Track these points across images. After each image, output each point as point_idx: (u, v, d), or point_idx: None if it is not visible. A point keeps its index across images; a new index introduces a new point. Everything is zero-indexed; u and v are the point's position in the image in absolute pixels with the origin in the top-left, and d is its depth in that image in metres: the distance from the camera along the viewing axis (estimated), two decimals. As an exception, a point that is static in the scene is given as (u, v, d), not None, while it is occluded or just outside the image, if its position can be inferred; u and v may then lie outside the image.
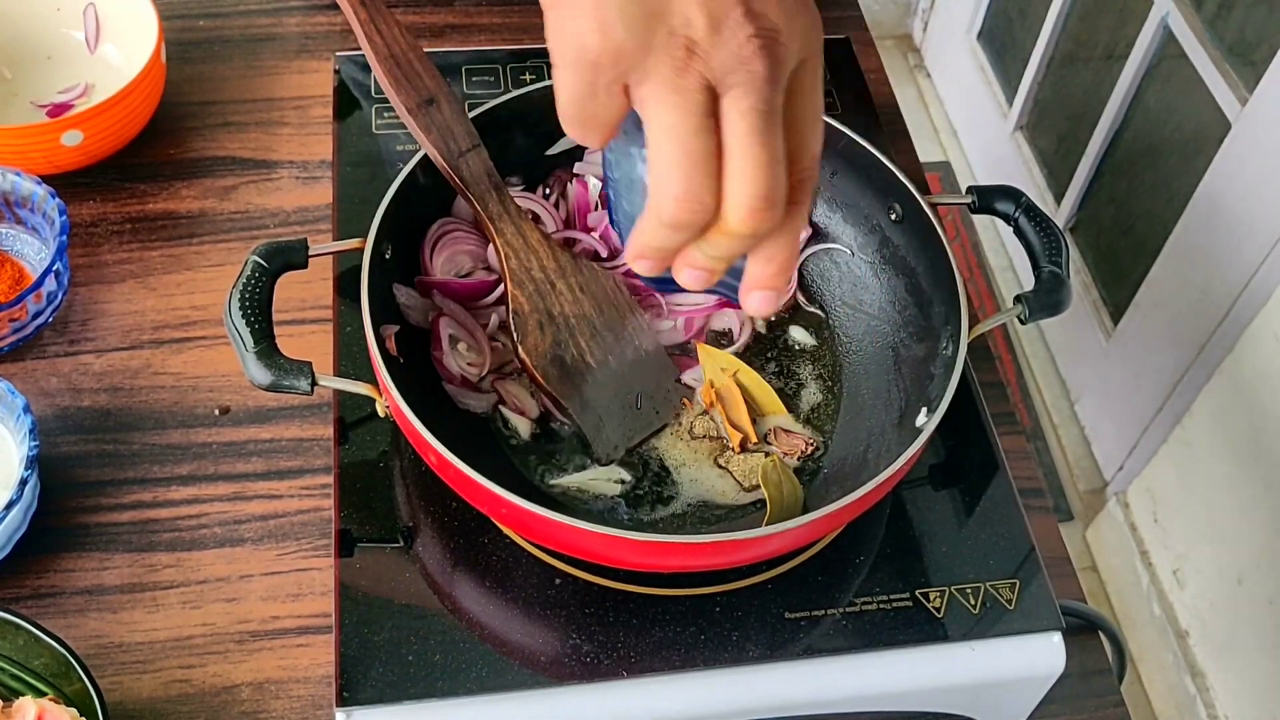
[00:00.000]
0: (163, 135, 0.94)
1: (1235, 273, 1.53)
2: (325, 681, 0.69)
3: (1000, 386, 0.83)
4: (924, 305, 0.76)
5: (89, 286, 0.85)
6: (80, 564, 0.73)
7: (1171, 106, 1.78)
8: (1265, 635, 1.50)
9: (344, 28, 1.03)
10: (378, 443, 0.74)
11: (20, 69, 0.95)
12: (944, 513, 0.74)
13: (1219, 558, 1.59)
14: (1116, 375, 1.86)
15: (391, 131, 0.90)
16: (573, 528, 0.61)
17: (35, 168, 0.86)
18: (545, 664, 0.66)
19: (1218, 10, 1.66)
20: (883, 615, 0.69)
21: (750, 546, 0.64)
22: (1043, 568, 0.72)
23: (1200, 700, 1.63)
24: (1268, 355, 1.46)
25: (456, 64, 0.95)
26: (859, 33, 1.06)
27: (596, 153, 0.83)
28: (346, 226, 0.84)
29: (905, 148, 0.98)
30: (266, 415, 0.80)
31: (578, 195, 0.81)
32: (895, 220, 0.78)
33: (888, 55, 2.54)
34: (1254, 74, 1.53)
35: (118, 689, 0.68)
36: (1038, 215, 0.73)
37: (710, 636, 0.68)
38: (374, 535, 0.71)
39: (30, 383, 0.80)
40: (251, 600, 0.72)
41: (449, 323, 0.74)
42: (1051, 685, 0.71)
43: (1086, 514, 1.91)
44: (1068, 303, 0.70)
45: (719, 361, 0.76)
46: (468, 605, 0.68)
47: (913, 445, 0.65)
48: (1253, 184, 1.51)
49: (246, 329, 0.65)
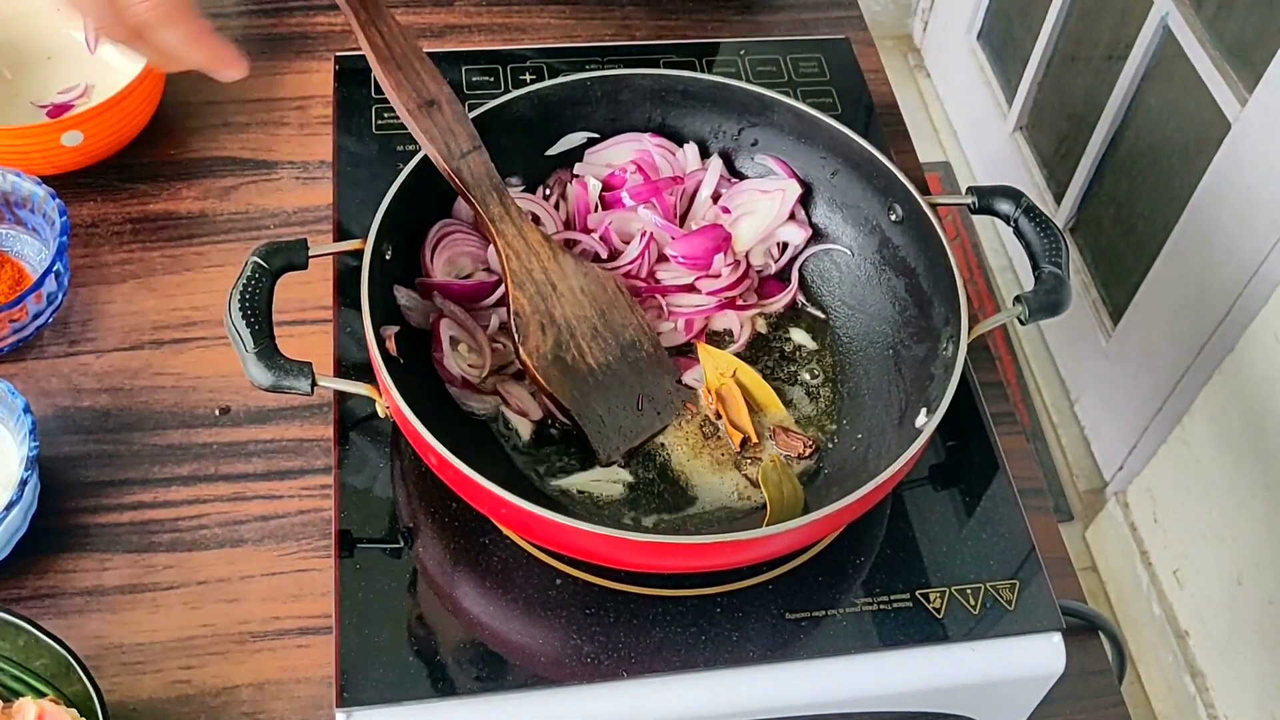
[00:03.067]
0: (163, 135, 0.94)
1: (1235, 273, 1.53)
2: (325, 682, 0.69)
3: (1000, 386, 0.83)
4: (924, 305, 0.76)
5: (89, 287, 0.85)
6: (80, 564, 0.73)
7: (1171, 106, 1.78)
8: (1265, 635, 1.50)
9: (344, 28, 1.03)
10: (378, 443, 0.74)
11: (20, 69, 0.95)
12: (944, 513, 0.74)
13: (1219, 558, 1.59)
14: (1116, 375, 1.86)
15: (391, 132, 0.90)
16: (573, 528, 0.61)
17: (35, 168, 0.86)
18: (545, 664, 0.66)
19: (1218, 10, 1.66)
20: (883, 615, 0.69)
21: (750, 547, 0.64)
22: (1043, 568, 0.72)
23: (1200, 700, 1.63)
24: (1268, 355, 1.46)
25: (456, 64, 0.95)
26: (859, 33, 1.06)
27: (597, 153, 0.83)
28: (346, 227, 0.84)
29: (905, 148, 0.98)
30: (267, 416, 0.80)
31: (578, 196, 0.81)
32: (895, 221, 0.78)
33: (888, 55, 2.54)
34: (1254, 74, 1.53)
35: (118, 689, 0.68)
36: (1038, 215, 0.73)
37: (710, 637, 0.68)
38: (374, 535, 0.71)
39: (30, 383, 0.80)
40: (252, 601, 0.72)
41: (449, 324, 0.74)
42: (1051, 685, 0.71)
43: (1086, 514, 1.91)
44: (1068, 303, 0.70)
45: (718, 361, 0.76)
46: (468, 605, 0.68)
47: (913, 446, 0.65)
48: (1253, 184, 1.51)
49: (246, 329, 0.65)
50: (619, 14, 1.06)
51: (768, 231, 0.81)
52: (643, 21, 1.06)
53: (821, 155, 0.81)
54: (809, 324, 0.81)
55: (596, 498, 0.71)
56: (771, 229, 0.81)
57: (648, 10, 1.06)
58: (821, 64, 0.99)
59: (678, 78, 0.81)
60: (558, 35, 1.05)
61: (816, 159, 0.81)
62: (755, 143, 0.83)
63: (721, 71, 0.93)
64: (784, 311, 0.81)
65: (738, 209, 0.82)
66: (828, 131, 0.79)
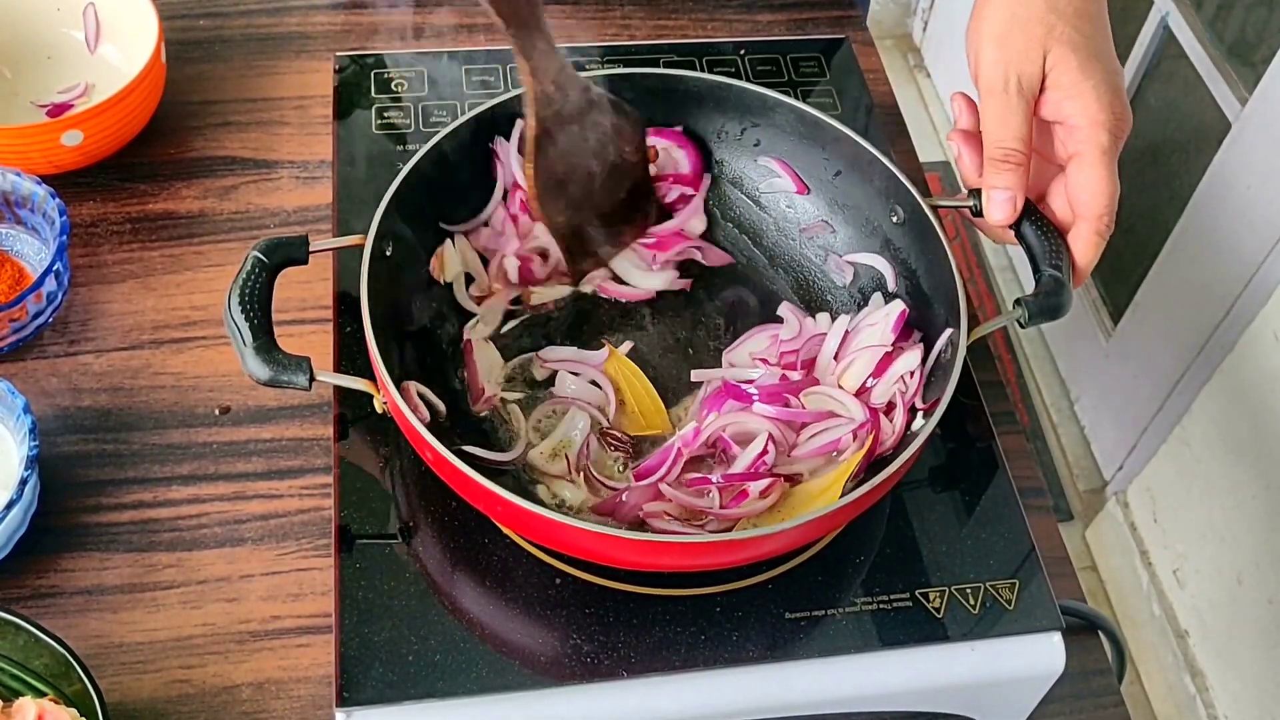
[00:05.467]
0: (163, 135, 0.94)
1: (1235, 272, 1.53)
2: (325, 681, 0.69)
3: (1000, 386, 0.83)
4: (924, 306, 0.76)
5: (89, 286, 0.85)
6: (80, 564, 0.73)
7: (1171, 106, 1.78)
8: (1265, 635, 1.50)
9: (344, 28, 1.03)
10: (378, 441, 0.74)
11: (20, 69, 0.95)
12: (944, 513, 0.74)
13: (1218, 557, 1.59)
14: (1116, 375, 1.86)
15: (391, 131, 0.90)
16: (573, 527, 0.61)
17: (35, 168, 0.86)
18: (545, 664, 0.66)
19: (1218, 10, 1.66)
20: (883, 615, 0.69)
21: (750, 546, 0.64)
22: (1042, 568, 0.72)
23: (1200, 700, 1.63)
24: (1268, 355, 1.46)
25: (457, 64, 0.95)
26: (859, 33, 1.06)
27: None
28: (346, 226, 0.84)
29: (905, 148, 0.98)
30: (267, 415, 0.80)
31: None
32: (897, 222, 0.78)
33: (888, 55, 2.54)
34: (1254, 74, 1.53)
35: (118, 689, 0.68)
36: (1038, 217, 0.72)
37: (710, 636, 0.68)
38: (374, 534, 0.71)
39: (30, 383, 0.80)
40: (252, 600, 0.72)
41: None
42: (1051, 685, 0.71)
43: (1086, 514, 1.91)
44: (1068, 306, 0.70)
45: (621, 366, 0.76)
46: (468, 605, 0.68)
47: (912, 445, 0.65)
48: (1253, 184, 1.51)
49: (245, 324, 0.65)
50: (619, 14, 1.06)
51: (876, 365, 0.74)
52: (642, 21, 1.06)
53: (824, 156, 0.81)
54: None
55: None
56: (880, 360, 0.74)
57: (648, 10, 1.06)
58: (821, 64, 0.99)
59: (680, 77, 0.81)
60: (558, 35, 1.03)
61: (819, 160, 0.81)
62: (758, 143, 0.83)
63: (721, 71, 0.93)
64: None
65: (847, 356, 0.76)
66: (831, 133, 0.79)
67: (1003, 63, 0.71)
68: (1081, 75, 0.70)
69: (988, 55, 0.72)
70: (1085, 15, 0.72)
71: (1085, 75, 0.70)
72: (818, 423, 0.72)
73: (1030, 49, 0.70)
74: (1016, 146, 0.70)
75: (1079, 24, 0.71)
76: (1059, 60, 0.70)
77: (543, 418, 0.74)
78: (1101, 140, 0.70)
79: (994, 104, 0.71)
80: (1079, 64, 0.70)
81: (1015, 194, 0.70)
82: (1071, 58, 0.70)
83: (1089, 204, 0.70)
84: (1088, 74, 0.70)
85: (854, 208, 0.81)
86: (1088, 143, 0.70)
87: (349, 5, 1.05)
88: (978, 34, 0.73)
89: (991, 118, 0.71)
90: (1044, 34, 0.70)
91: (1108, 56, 0.72)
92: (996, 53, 0.71)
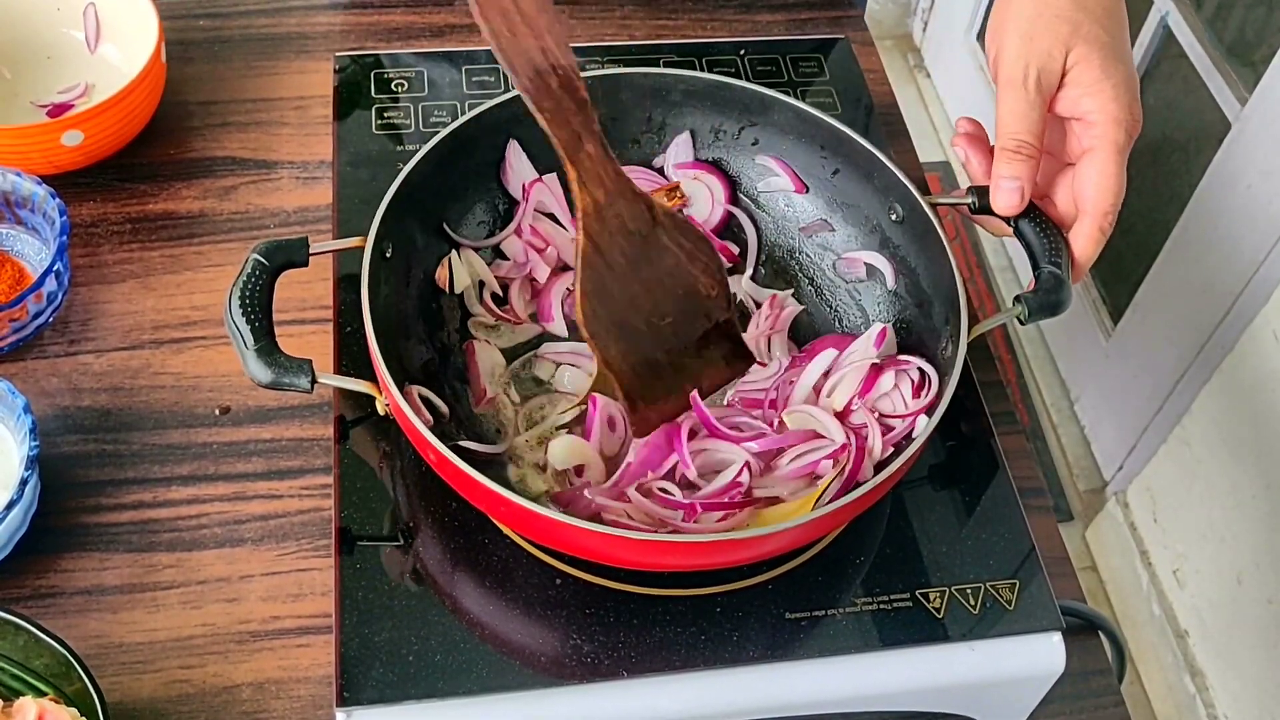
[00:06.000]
0: (163, 135, 0.94)
1: (1235, 272, 1.53)
2: (325, 681, 0.69)
3: (1000, 386, 0.83)
4: (924, 305, 0.76)
5: (89, 286, 0.85)
6: (80, 564, 0.73)
7: (1172, 106, 1.78)
8: (1265, 635, 1.50)
9: (344, 28, 1.03)
10: (378, 442, 0.74)
11: (20, 69, 0.95)
12: (944, 513, 0.74)
13: (1218, 557, 1.59)
14: (1116, 375, 1.86)
15: (391, 131, 0.90)
16: (573, 527, 0.61)
17: (35, 168, 0.86)
18: (545, 664, 0.66)
19: (1218, 10, 1.66)
20: (883, 615, 0.69)
21: (750, 546, 0.64)
22: (1043, 568, 0.72)
23: (1200, 700, 1.63)
24: (1268, 355, 1.46)
25: (457, 64, 0.95)
26: (859, 33, 1.06)
27: None
28: (346, 226, 0.84)
29: (905, 148, 0.98)
30: (267, 415, 0.80)
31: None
32: (896, 220, 0.78)
33: (888, 55, 2.54)
34: (1254, 74, 1.53)
35: (118, 689, 0.68)
36: (1037, 215, 0.73)
37: (710, 636, 0.68)
38: (374, 535, 0.71)
39: (30, 383, 0.80)
40: (252, 600, 0.72)
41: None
42: (1051, 685, 0.71)
43: (1086, 514, 1.91)
44: (1068, 303, 0.70)
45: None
46: (468, 605, 0.68)
47: (912, 445, 0.65)
48: (1253, 184, 1.51)
49: (246, 326, 0.65)
50: (618, 14, 1.06)
51: (861, 388, 0.73)
52: (642, 21, 1.06)
53: (822, 155, 0.81)
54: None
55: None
56: (863, 381, 0.73)
57: (647, 10, 1.07)
58: (821, 64, 0.99)
59: (678, 77, 0.81)
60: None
61: (817, 158, 0.81)
62: (755, 142, 0.83)
63: (721, 71, 0.93)
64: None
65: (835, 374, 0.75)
66: (828, 131, 0.79)
67: (1024, 56, 0.71)
68: (1103, 74, 0.70)
69: (1010, 48, 0.72)
70: (1111, 14, 0.72)
71: (1107, 74, 0.70)
72: (801, 444, 0.71)
73: (1054, 46, 0.71)
74: (1029, 139, 0.70)
75: (1106, 23, 0.71)
76: (1082, 57, 0.70)
77: (535, 409, 0.74)
78: (1118, 138, 0.70)
79: (1011, 96, 0.71)
80: (1101, 62, 0.70)
81: (1024, 184, 0.71)
82: (1095, 56, 0.70)
83: (1096, 199, 0.70)
84: (1109, 73, 0.70)
85: (853, 206, 0.81)
86: (1103, 139, 0.70)
87: (349, 5, 1.05)
88: (1001, 26, 0.73)
89: (1007, 109, 0.71)
90: (1069, 31, 0.71)
91: (1127, 58, 0.72)
92: (1019, 46, 0.71)
